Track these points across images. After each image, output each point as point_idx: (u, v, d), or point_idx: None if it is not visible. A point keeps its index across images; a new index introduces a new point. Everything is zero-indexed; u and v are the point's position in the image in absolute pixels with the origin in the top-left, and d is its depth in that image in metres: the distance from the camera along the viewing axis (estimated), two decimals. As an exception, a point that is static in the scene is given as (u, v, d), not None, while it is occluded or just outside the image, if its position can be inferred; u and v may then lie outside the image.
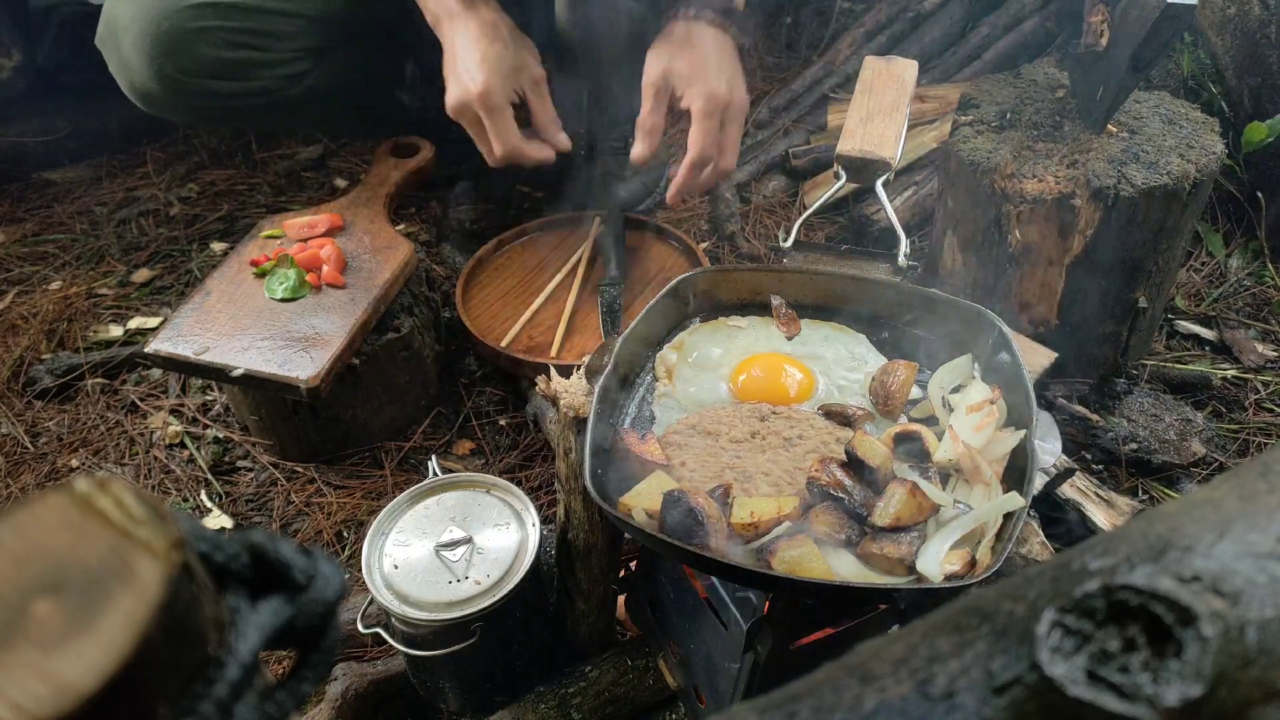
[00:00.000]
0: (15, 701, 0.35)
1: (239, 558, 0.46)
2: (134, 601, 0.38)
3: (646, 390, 1.31)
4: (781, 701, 0.42)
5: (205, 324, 1.74)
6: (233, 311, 1.76)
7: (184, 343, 1.71)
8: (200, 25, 1.88)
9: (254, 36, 1.95)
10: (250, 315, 1.76)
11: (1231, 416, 1.88)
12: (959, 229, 1.80)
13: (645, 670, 1.41)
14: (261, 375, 1.66)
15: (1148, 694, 0.36)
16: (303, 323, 1.74)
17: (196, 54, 1.90)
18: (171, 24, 1.86)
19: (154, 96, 1.97)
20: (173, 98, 1.96)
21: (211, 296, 1.79)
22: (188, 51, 1.90)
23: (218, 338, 1.71)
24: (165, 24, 1.86)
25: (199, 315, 1.75)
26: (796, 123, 2.68)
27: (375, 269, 1.85)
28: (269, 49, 1.97)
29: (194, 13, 1.87)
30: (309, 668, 0.47)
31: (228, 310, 1.77)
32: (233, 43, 1.93)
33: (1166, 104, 1.78)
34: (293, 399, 1.73)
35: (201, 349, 1.69)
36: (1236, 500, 0.44)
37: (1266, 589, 0.39)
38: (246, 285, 1.82)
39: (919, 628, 0.44)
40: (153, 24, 1.86)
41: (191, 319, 1.75)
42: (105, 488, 0.41)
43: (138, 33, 1.87)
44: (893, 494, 1.05)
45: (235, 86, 1.98)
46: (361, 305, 1.77)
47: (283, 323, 1.74)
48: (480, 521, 1.34)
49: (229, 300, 1.79)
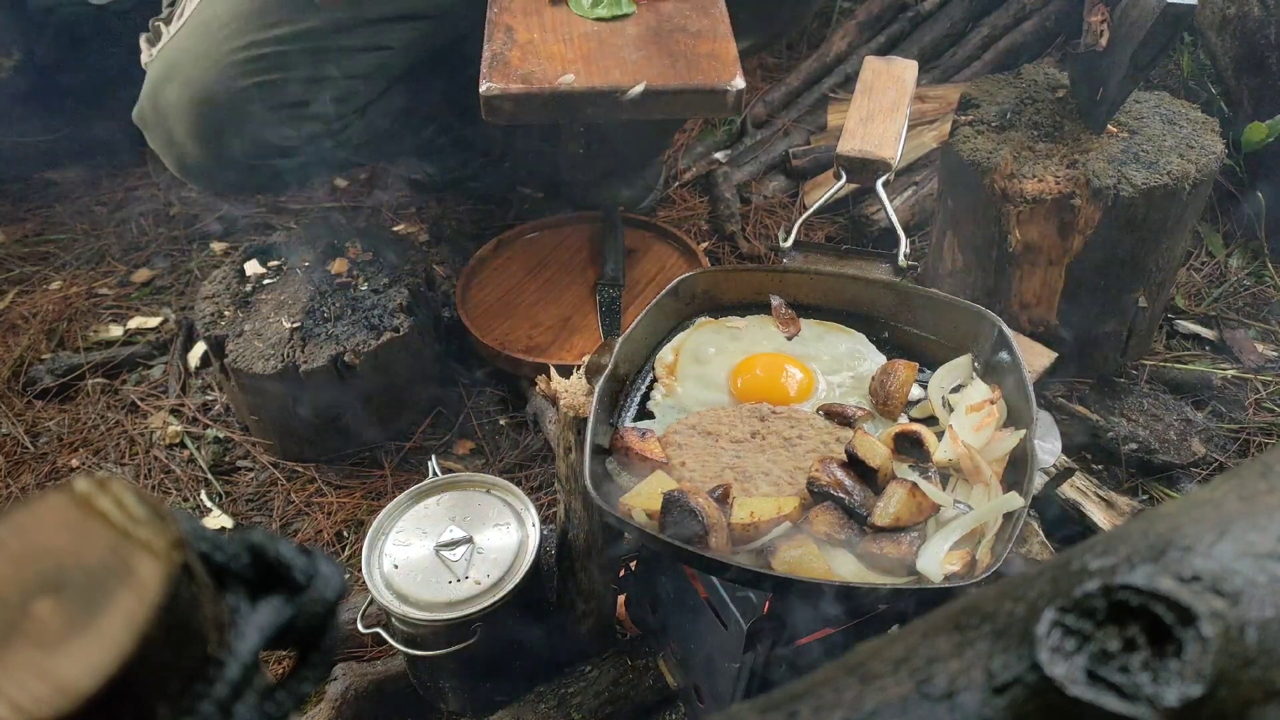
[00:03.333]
0: (15, 701, 0.35)
1: (239, 558, 0.46)
2: (134, 601, 0.38)
3: (646, 390, 1.31)
4: (781, 701, 0.42)
5: (532, 58, 1.42)
6: (556, 38, 1.46)
7: (526, 78, 1.37)
8: (262, 106, 1.76)
9: (312, 107, 1.83)
10: (581, 40, 1.46)
11: (1231, 416, 1.88)
12: (959, 229, 1.80)
13: (645, 670, 1.41)
14: (670, 89, 1.37)
15: (1148, 694, 0.36)
16: (667, 28, 1.42)
17: (260, 135, 1.79)
18: (232, 106, 1.73)
19: (207, 176, 1.88)
20: (227, 176, 1.88)
21: (515, 33, 1.49)
22: (251, 134, 1.78)
23: (563, 66, 1.40)
24: (224, 108, 1.73)
25: (517, 52, 1.44)
26: (796, 123, 2.68)
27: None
28: (327, 118, 1.87)
29: (255, 92, 1.73)
30: (309, 668, 0.47)
31: (547, 40, 1.46)
32: (296, 116, 1.82)
33: (1166, 104, 1.78)
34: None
35: (556, 77, 1.36)
36: (1236, 500, 0.44)
37: (1266, 589, 0.39)
38: (547, 14, 1.54)
39: (919, 628, 0.44)
40: (211, 108, 1.73)
41: (508, 58, 1.43)
42: (105, 488, 0.41)
43: (195, 118, 1.74)
44: (893, 494, 1.05)
45: (292, 162, 1.89)
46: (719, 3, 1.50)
47: (631, 39, 1.45)
48: (480, 521, 1.34)
49: (541, 29, 1.49)
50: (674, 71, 1.41)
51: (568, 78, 1.41)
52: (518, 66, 1.44)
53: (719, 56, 1.47)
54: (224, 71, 1.71)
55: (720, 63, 1.46)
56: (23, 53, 2.67)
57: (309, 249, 1.97)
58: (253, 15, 1.72)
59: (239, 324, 1.82)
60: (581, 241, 2.23)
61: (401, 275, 1.90)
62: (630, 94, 1.37)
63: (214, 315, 1.85)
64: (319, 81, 1.80)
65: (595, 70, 1.43)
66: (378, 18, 1.81)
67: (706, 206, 2.50)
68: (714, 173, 2.54)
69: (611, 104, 1.40)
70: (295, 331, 1.79)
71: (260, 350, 1.76)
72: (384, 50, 1.86)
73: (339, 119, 1.87)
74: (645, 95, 1.39)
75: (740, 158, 2.60)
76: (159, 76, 1.76)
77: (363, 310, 1.83)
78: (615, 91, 1.37)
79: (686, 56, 1.47)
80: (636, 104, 1.39)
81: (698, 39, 1.51)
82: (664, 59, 1.45)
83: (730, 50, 1.49)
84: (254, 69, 1.72)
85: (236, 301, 1.88)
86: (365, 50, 1.83)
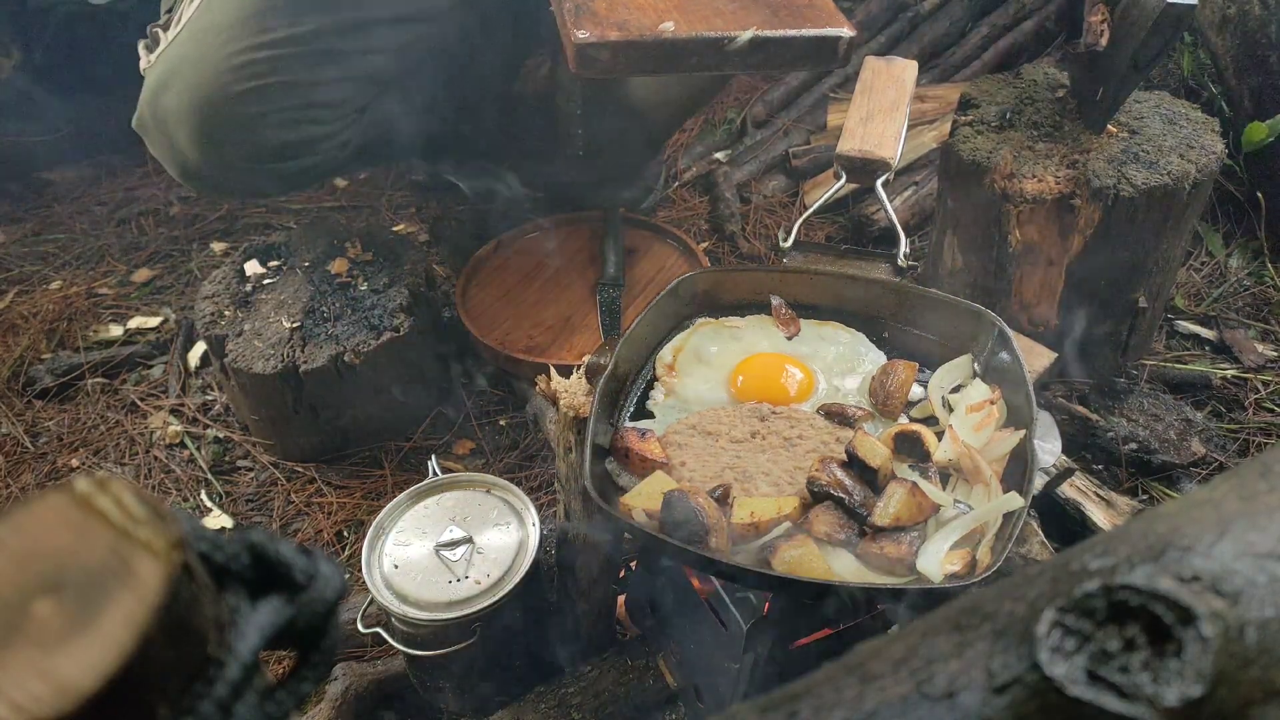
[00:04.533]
0: (15, 701, 0.35)
1: (239, 558, 0.46)
2: (134, 601, 0.38)
3: (646, 390, 1.31)
4: (781, 701, 0.42)
5: (621, 7, 1.34)
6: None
7: (622, 26, 1.29)
8: (261, 110, 1.75)
9: (313, 110, 1.83)
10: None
11: (1231, 416, 1.88)
12: (959, 229, 1.80)
13: (645, 670, 1.41)
14: (779, 37, 1.29)
15: (1148, 694, 0.36)
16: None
17: (260, 139, 1.79)
18: (232, 112, 1.73)
19: (209, 181, 1.87)
20: (229, 181, 1.87)
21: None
22: (251, 139, 1.78)
23: (658, 15, 1.33)
24: (223, 113, 1.73)
25: (602, 3, 1.36)
26: (796, 122, 2.68)
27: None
28: (326, 121, 1.86)
29: (254, 97, 1.73)
30: (309, 668, 0.47)
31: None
32: (295, 120, 1.81)
33: (1166, 104, 1.78)
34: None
35: (654, 25, 1.28)
36: (1236, 500, 0.44)
37: (1266, 589, 0.39)
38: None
39: (919, 628, 0.44)
40: (210, 114, 1.73)
41: (594, 8, 1.35)
42: (105, 487, 0.41)
43: (195, 124, 1.74)
44: (893, 494, 1.05)
45: (295, 165, 1.88)
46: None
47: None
48: (480, 521, 1.34)
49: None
50: (779, 19, 1.34)
51: (668, 25, 1.34)
52: (607, 15, 1.36)
53: (819, 5, 1.39)
54: (222, 76, 1.71)
55: (823, 11, 1.38)
56: (22, 52, 2.66)
57: (309, 249, 1.97)
58: (250, 20, 1.72)
59: (239, 324, 1.82)
60: (581, 241, 2.23)
61: (401, 275, 1.90)
62: (738, 42, 1.30)
63: (214, 315, 1.85)
64: (317, 85, 1.80)
65: (695, 18, 1.35)
66: (374, 20, 1.81)
67: (706, 206, 2.50)
68: (714, 173, 2.55)
69: (717, 53, 1.32)
70: (295, 331, 1.79)
71: (260, 350, 1.76)
72: (381, 53, 1.85)
73: (338, 121, 1.87)
74: (753, 44, 1.31)
75: (740, 157, 2.60)
76: (157, 83, 1.76)
77: (363, 310, 1.83)
78: (722, 40, 1.30)
79: (786, 6, 1.39)
80: (743, 53, 1.31)
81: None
82: (763, 8, 1.37)
83: (828, 1, 1.42)
84: (252, 73, 1.72)
85: (236, 301, 1.88)
86: (363, 53, 1.83)
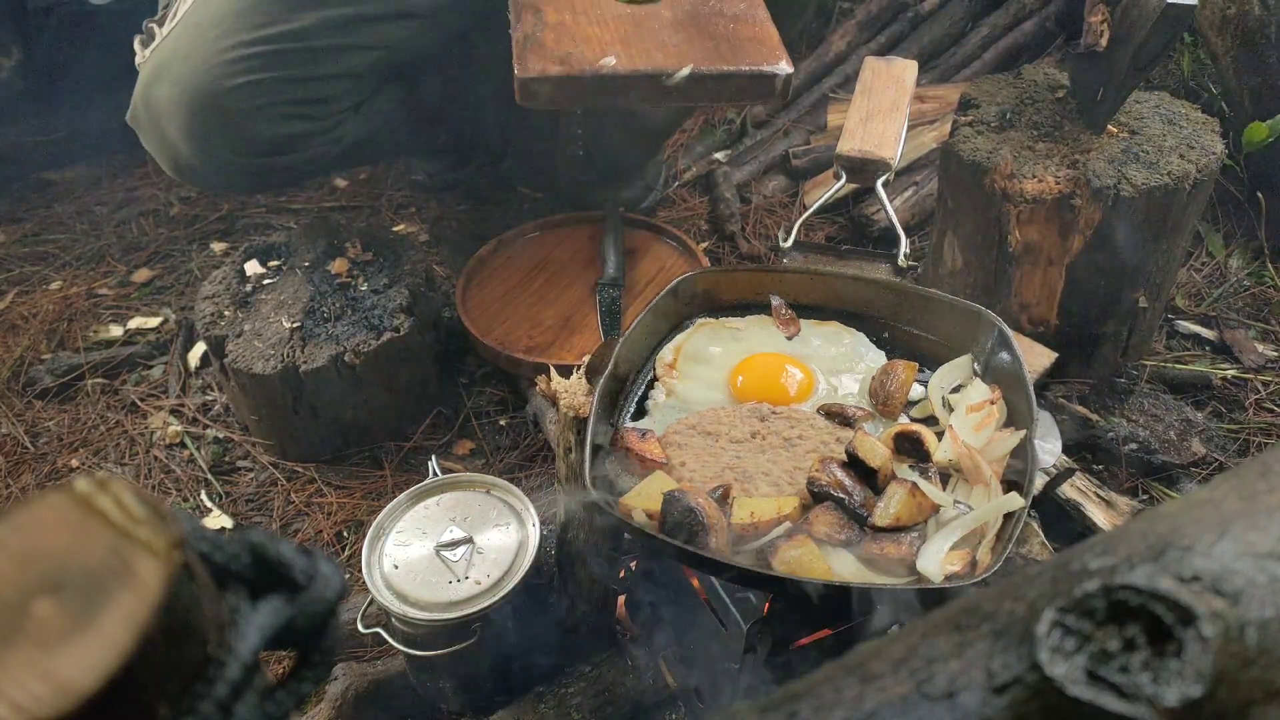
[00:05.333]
0: (15, 701, 0.35)
1: (239, 558, 0.46)
2: (134, 601, 0.38)
3: (646, 390, 1.31)
4: (781, 701, 0.42)
5: (567, 40, 1.36)
6: (589, 20, 1.40)
7: (564, 60, 1.31)
8: (252, 104, 1.74)
9: (305, 105, 1.82)
10: (616, 22, 1.40)
11: (1231, 416, 1.88)
12: (959, 229, 1.80)
13: (645, 670, 1.41)
14: (717, 72, 1.31)
15: (1148, 694, 0.36)
16: (704, 11, 1.35)
17: (251, 134, 1.77)
18: (222, 105, 1.71)
19: (201, 175, 1.86)
20: (220, 175, 1.86)
21: (545, 14, 1.43)
22: (241, 133, 1.76)
23: (601, 49, 1.34)
24: (216, 107, 1.71)
25: (550, 35, 1.38)
26: (796, 122, 2.68)
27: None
28: (320, 116, 1.86)
29: (245, 91, 1.72)
30: (309, 668, 0.47)
31: (579, 22, 1.40)
32: (287, 115, 1.80)
33: (1166, 104, 1.78)
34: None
35: (596, 60, 1.30)
36: (1236, 500, 0.44)
37: (1266, 589, 0.39)
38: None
39: (919, 628, 0.44)
40: (201, 107, 1.71)
41: (541, 40, 1.37)
42: (105, 487, 0.41)
43: (186, 117, 1.73)
44: (893, 494, 1.05)
45: (286, 160, 1.87)
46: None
47: (668, 22, 1.38)
48: (480, 521, 1.34)
49: (571, 11, 1.43)
50: (718, 54, 1.36)
51: (609, 60, 1.36)
52: (553, 49, 1.38)
53: (762, 40, 1.42)
54: (214, 71, 1.71)
55: (765, 46, 1.41)
56: (22, 52, 2.66)
57: (309, 249, 1.97)
58: (244, 14, 1.72)
59: (239, 324, 1.82)
60: (581, 241, 2.22)
61: (401, 275, 1.90)
62: (676, 77, 1.32)
63: (214, 315, 1.85)
64: (310, 80, 1.80)
65: (636, 53, 1.37)
66: (368, 16, 1.81)
67: (706, 206, 2.50)
68: (714, 173, 2.55)
69: (656, 88, 1.34)
70: (295, 331, 1.79)
71: (260, 350, 1.76)
72: (376, 49, 1.85)
73: (332, 117, 1.87)
74: (691, 79, 1.34)
75: (740, 158, 2.60)
76: (150, 76, 1.76)
77: (363, 310, 1.83)
78: (660, 75, 1.32)
79: (729, 40, 1.42)
80: (682, 88, 1.34)
81: (737, 23, 1.45)
82: (705, 42, 1.40)
83: (772, 34, 1.44)
84: (245, 68, 1.71)
85: (236, 301, 1.88)
86: (357, 49, 1.82)
